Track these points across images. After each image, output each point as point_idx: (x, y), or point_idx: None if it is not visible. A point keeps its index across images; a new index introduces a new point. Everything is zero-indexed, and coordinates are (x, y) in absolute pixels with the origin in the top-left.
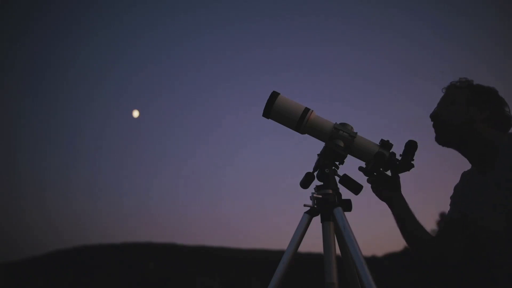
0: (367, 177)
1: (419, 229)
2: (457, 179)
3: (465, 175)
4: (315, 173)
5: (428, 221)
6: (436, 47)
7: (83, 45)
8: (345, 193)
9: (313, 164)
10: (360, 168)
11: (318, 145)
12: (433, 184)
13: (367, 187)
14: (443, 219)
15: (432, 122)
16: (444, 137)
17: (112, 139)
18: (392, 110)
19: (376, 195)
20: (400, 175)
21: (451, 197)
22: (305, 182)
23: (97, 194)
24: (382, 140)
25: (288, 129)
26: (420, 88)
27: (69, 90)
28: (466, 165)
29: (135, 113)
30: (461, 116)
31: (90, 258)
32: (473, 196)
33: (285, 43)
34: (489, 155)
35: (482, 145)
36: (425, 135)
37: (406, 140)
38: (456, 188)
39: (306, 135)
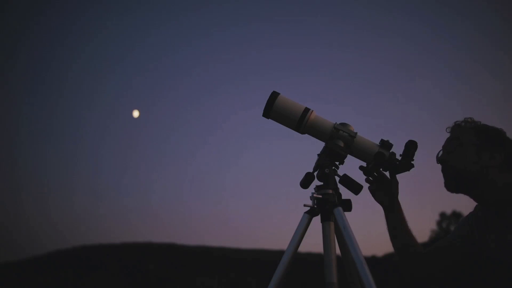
0: (366, 177)
1: (411, 241)
2: None
3: (479, 208)
4: (315, 173)
5: (428, 221)
6: (436, 47)
7: (83, 45)
8: (345, 193)
9: (313, 164)
10: (361, 167)
11: (318, 145)
12: (433, 185)
13: (367, 187)
14: (444, 237)
15: (441, 167)
16: (455, 184)
17: (112, 139)
18: (392, 110)
19: (372, 195)
20: (400, 175)
21: (461, 222)
22: (305, 182)
23: (98, 194)
24: (382, 140)
25: (288, 129)
26: (420, 88)
27: (70, 90)
28: None
29: (135, 113)
30: (473, 161)
31: (90, 258)
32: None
33: (285, 44)
34: (507, 201)
35: (498, 192)
36: (425, 135)
37: (406, 140)
38: (469, 217)
39: (306, 135)
